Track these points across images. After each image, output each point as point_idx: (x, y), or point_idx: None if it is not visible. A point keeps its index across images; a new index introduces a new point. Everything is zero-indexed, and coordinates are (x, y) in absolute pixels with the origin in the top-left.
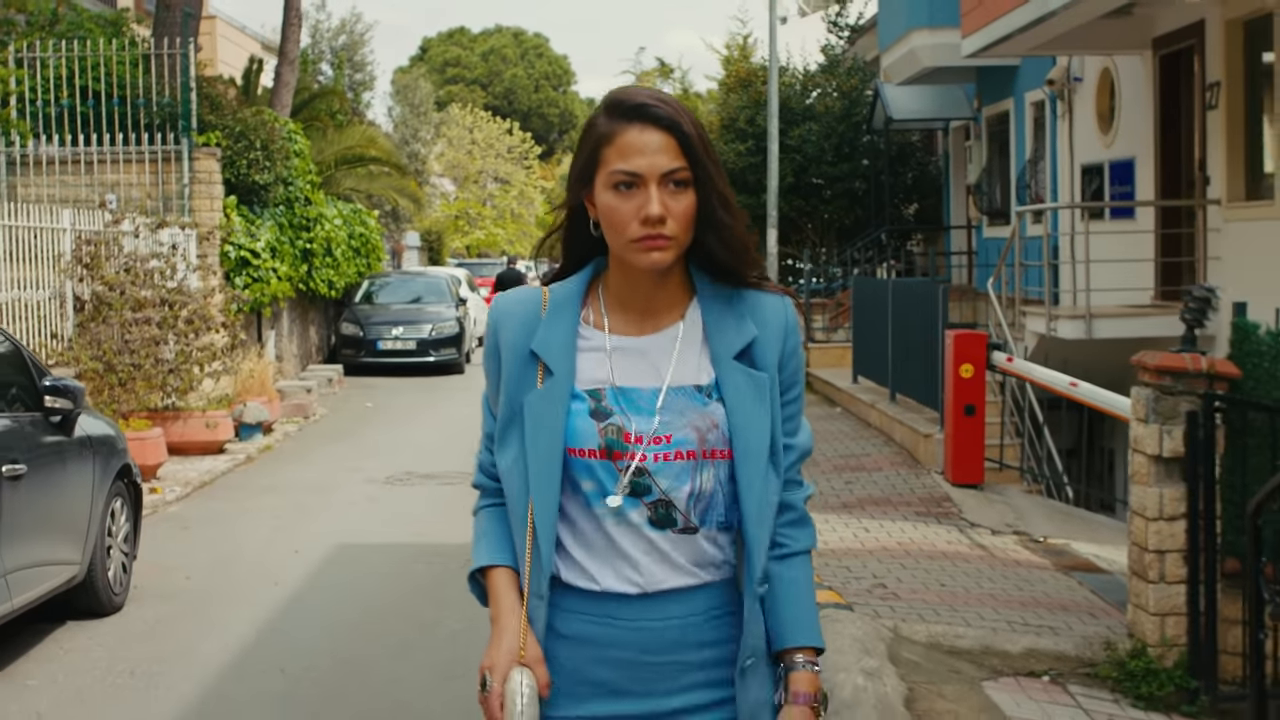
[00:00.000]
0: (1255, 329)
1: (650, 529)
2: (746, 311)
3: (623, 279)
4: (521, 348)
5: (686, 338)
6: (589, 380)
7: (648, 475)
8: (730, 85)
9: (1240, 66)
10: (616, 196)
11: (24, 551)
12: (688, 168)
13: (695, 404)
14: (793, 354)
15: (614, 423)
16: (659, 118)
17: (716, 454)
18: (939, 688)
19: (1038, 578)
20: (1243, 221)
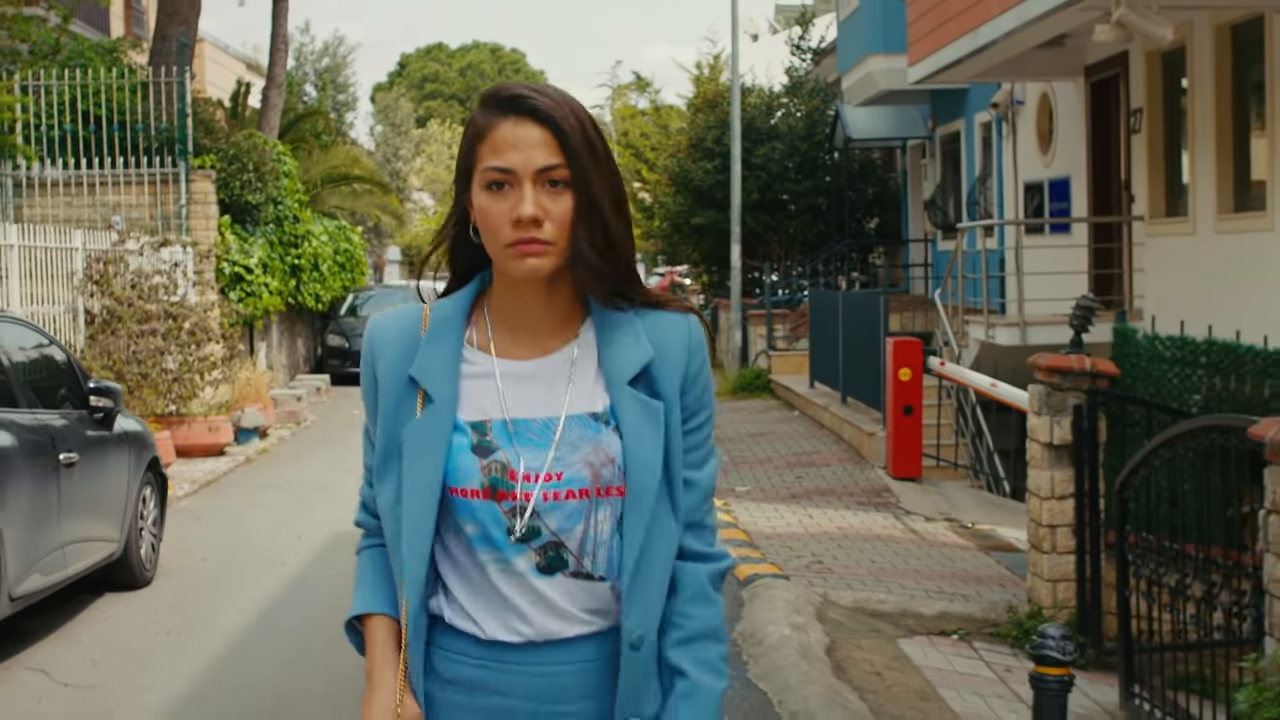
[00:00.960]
0: (1134, 333)
1: (537, 576)
2: (644, 331)
3: (508, 294)
4: (399, 373)
5: (580, 361)
6: (475, 410)
7: (536, 516)
8: (698, 106)
9: (1160, 94)
10: (490, 197)
11: (77, 528)
12: (566, 166)
13: (589, 434)
14: (695, 377)
15: (498, 459)
16: (534, 109)
17: (612, 491)
18: (858, 641)
19: (960, 556)
20: (1162, 236)
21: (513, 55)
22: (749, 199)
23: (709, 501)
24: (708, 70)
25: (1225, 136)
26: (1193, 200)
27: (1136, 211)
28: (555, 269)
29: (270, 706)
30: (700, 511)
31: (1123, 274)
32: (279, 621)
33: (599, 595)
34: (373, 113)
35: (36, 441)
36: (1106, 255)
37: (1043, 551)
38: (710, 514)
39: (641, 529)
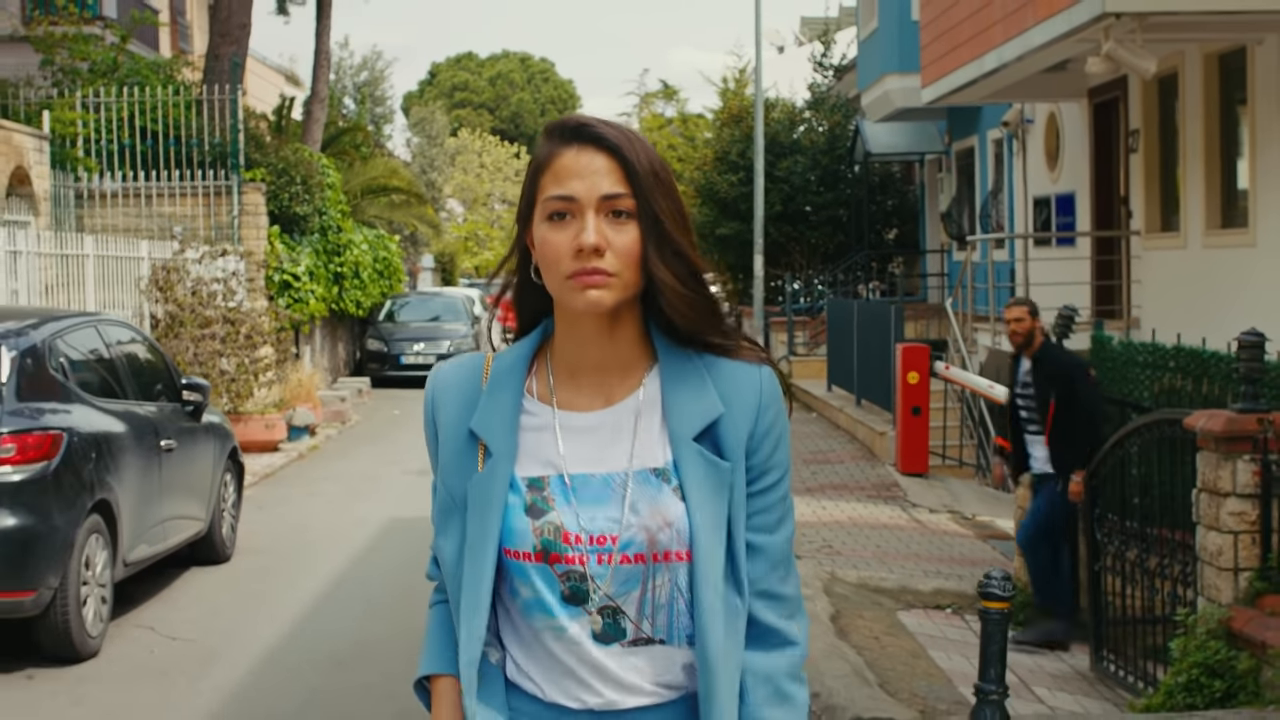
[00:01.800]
0: (1109, 340)
1: (594, 644)
2: (712, 382)
3: (570, 338)
4: (460, 425)
5: (645, 412)
6: (534, 465)
7: (590, 581)
8: (723, 120)
9: (1155, 116)
10: (550, 227)
11: (174, 506)
12: (631, 196)
13: (649, 493)
14: (767, 434)
15: (551, 520)
16: (598, 136)
17: (671, 556)
18: (860, 611)
19: (958, 543)
20: (1158, 250)
21: (542, 64)
22: (772, 210)
23: (782, 569)
24: (733, 84)
25: (1213, 157)
26: (1184, 216)
27: (1134, 226)
28: (617, 304)
29: (350, 651)
30: (772, 580)
31: (1121, 285)
32: (350, 587)
33: (667, 662)
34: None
35: (142, 429)
36: (1108, 267)
37: None
38: (786, 583)
39: (715, 595)
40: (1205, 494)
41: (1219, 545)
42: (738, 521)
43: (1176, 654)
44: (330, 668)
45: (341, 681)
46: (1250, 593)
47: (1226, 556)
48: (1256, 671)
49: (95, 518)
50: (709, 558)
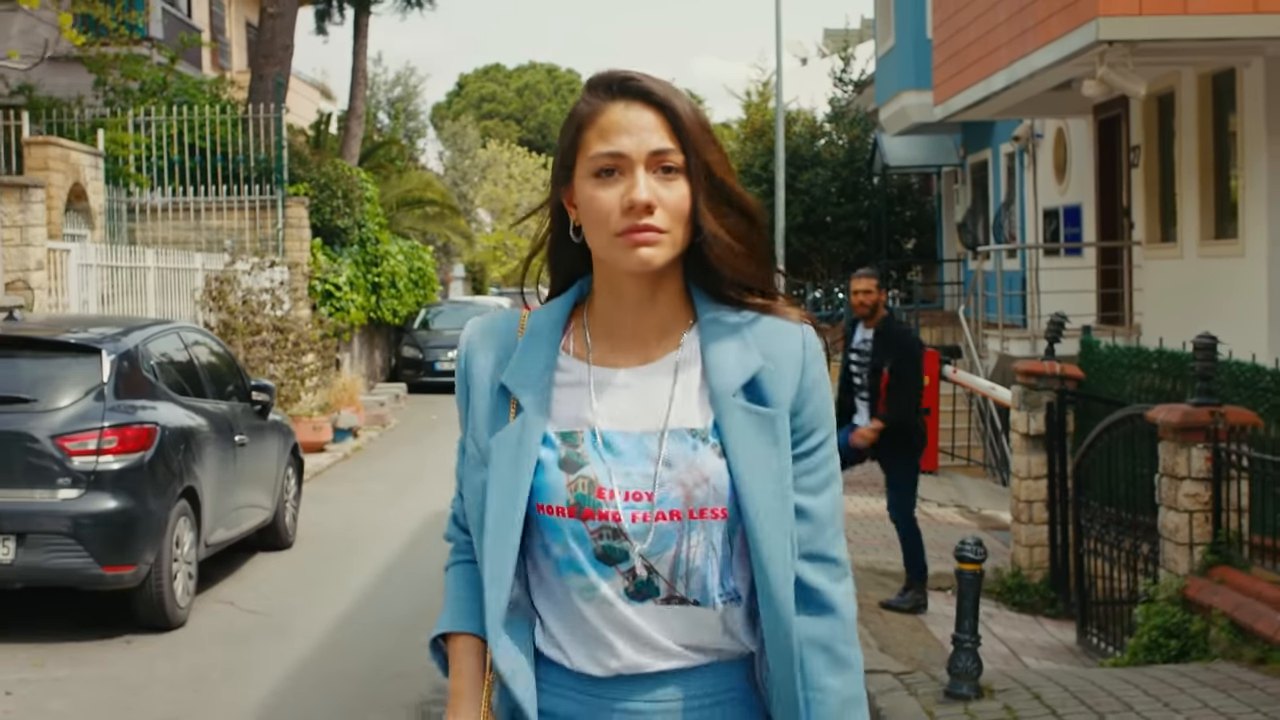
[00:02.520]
0: (1096, 344)
1: (627, 602)
2: (753, 340)
3: (609, 297)
4: (492, 380)
5: (684, 371)
6: (566, 420)
7: (624, 538)
8: (746, 134)
9: (1155, 132)
10: (598, 184)
11: (246, 495)
12: (680, 151)
13: (686, 451)
14: (812, 390)
15: (585, 475)
16: (648, 92)
17: (707, 513)
18: (865, 591)
19: (962, 534)
20: (1157, 260)
21: (568, 75)
22: (794, 221)
23: (831, 530)
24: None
25: (1207, 172)
26: (1181, 228)
27: (1136, 237)
28: (666, 263)
29: (411, 617)
30: (820, 542)
31: (1124, 293)
32: (403, 568)
33: (698, 624)
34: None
35: (220, 425)
36: (1113, 275)
37: (1022, 522)
38: (835, 545)
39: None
40: (1165, 478)
41: (1176, 523)
42: (785, 475)
43: (1140, 619)
44: (396, 631)
45: (407, 641)
46: (1203, 564)
47: (1183, 533)
48: (1206, 632)
49: (183, 502)
50: (763, 510)
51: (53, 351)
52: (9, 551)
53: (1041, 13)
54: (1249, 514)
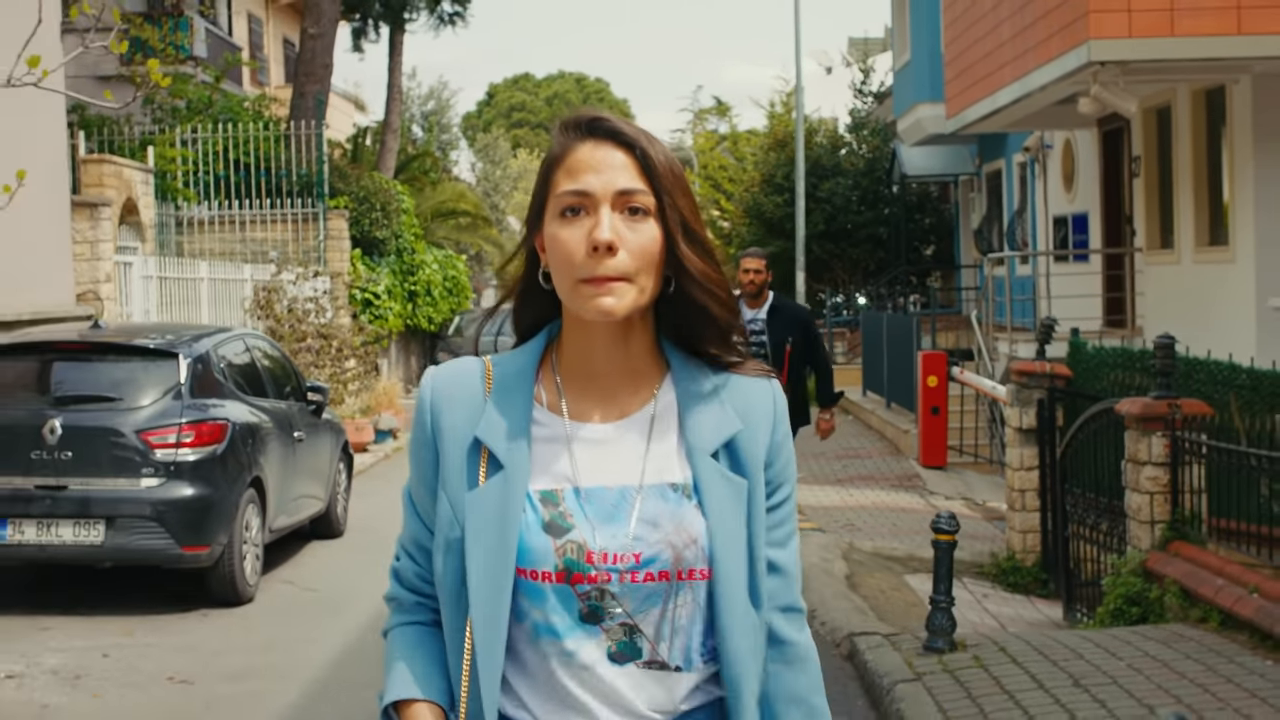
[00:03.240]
0: (1084, 345)
1: (609, 664)
2: (728, 399)
3: (579, 346)
4: (464, 434)
5: (660, 425)
6: (546, 478)
7: (611, 599)
8: (769, 145)
9: (1155, 144)
10: (562, 224)
11: (304, 486)
12: (650, 193)
13: (670, 509)
14: (781, 446)
15: (573, 539)
16: (615, 131)
17: (695, 574)
18: (871, 573)
19: (965, 523)
20: (1157, 265)
21: (597, 85)
22: (816, 229)
23: (796, 584)
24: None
25: (1201, 182)
26: (1178, 235)
27: (1138, 243)
28: (630, 311)
29: None
30: (790, 594)
31: (1127, 297)
32: None
33: (675, 689)
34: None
35: (281, 422)
36: (1117, 280)
37: (1015, 510)
38: (798, 597)
39: (738, 616)
40: (1130, 463)
41: (1139, 504)
42: (758, 538)
43: (1108, 589)
44: None
45: None
46: (1162, 539)
47: (1145, 512)
48: (1162, 599)
49: (251, 491)
50: (732, 577)
51: (134, 356)
52: (99, 534)
53: (1041, 34)
54: (1206, 495)
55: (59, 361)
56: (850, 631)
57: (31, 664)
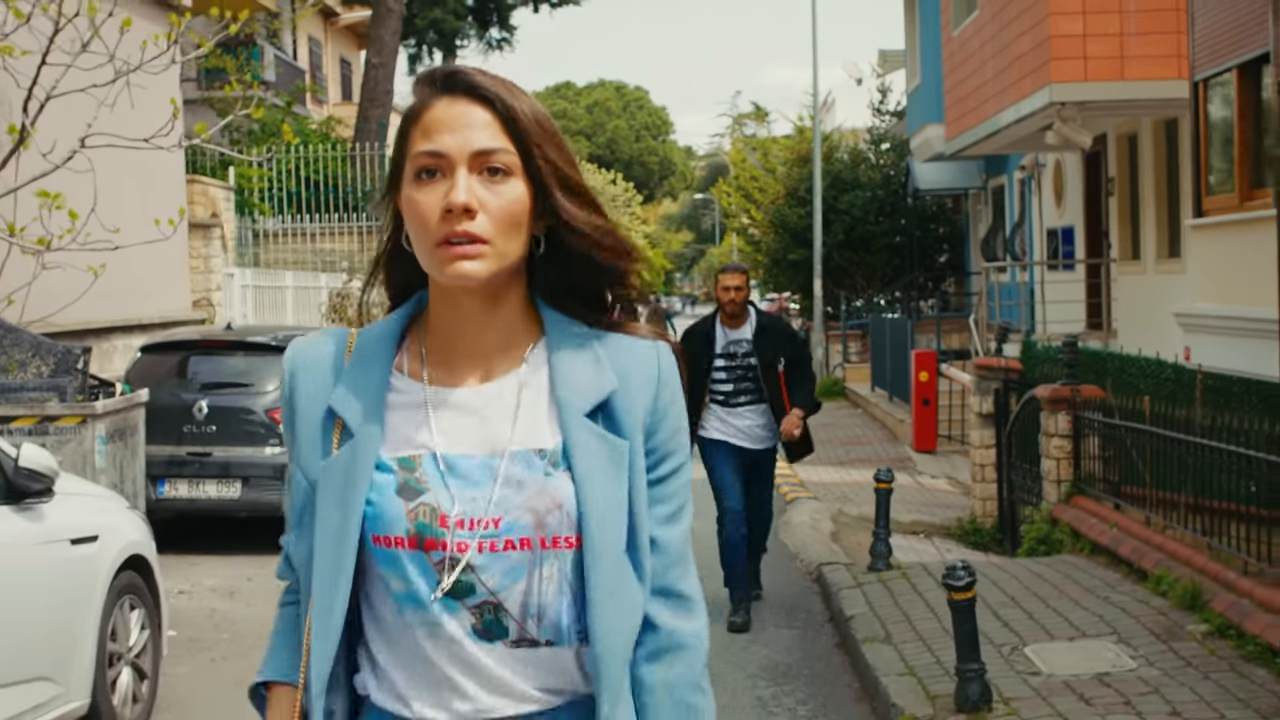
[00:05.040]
0: (1034, 344)
1: (474, 640)
2: (606, 358)
3: (444, 311)
4: (319, 404)
5: (529, 389)
6: (402, 445)
7: (471, 570)
8: (794, 161)
9: (1126, 167)
10: (418, 186)
11: None
12: (513, 150)
13: (534, 475)
14: (665, 414)
15: (426, 502)
16: (472, 85)
17: (559, 542)
18: (854, 533)
19: (944, 497)
20: (1128, 275)
21: (636, 92)
22: (836, 238)
23: (681, 565)
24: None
25: (1161, 202)
26: (1144, 248)
27: (1112, 255)
28: (492, 276)
29: None
30: (670, 576)
31: (1104, 303)
32: None
33: (551, 665)
34: None
35: None
36: (1097, 288)
37: (976, 482)
38: (685, 580)
39: (608, 589)
40: (1043, 436)
41: (1049, 467)
42: (640, 506)
43: (1024, 534)
44: None
45: None
46: (1066, 494)
47: (1053, 474)
48: (1062, 540)
49: None
50: (604, 546)
51: (260, 351)
52: (237, 490)
53: (1015, 75)
54: (1101, 461)
55: (202, 355)
56: (819, 563)
57: (194, 584)
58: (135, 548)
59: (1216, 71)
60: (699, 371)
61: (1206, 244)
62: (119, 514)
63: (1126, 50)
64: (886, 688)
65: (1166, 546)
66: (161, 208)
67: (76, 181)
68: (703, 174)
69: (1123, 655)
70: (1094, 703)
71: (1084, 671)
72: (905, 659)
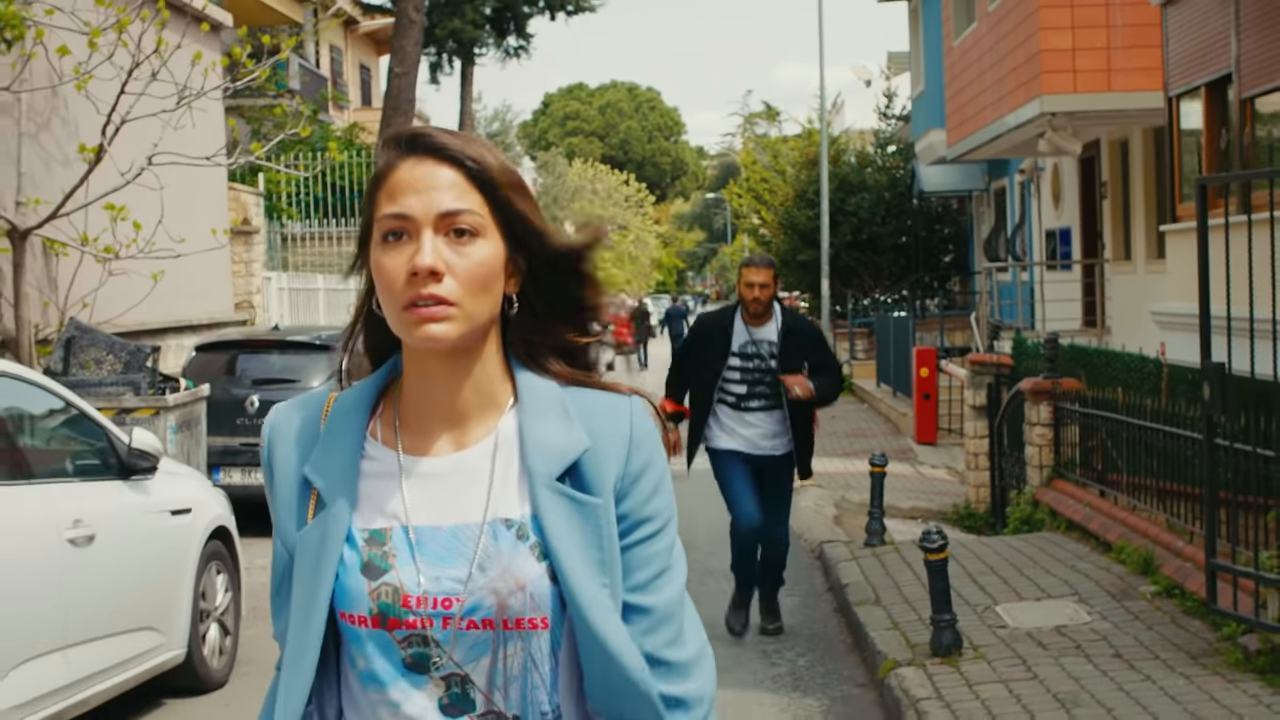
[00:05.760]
0: (1025, 341)
1: (440, 717)
2: (578, 417)
3: (416, 374)
4: (295, 472)
5: (502, 453)
6: (375, 515)
7: (436, 645)
8: (802, 164)
9: (1119, 172)
10: (385, 250)
11: None
12: (481, 211)
13: (502, 550)
14: (637, 479)
15: (389, 582)
16: (437, 146)
17: (524, 624)
18: (855, 516)
19: (942, 485)
20: (1120, 275)
21: (648, 94)
22: (843, 239)
23: (669, 630)
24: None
25: (1150, 205)
26: (1134, 249)
27: (1106, 256)
28: (461, 338)
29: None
30: (657, 642)
31: (1098, 301)
32: None
33: None
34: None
35: None
36: (1091, 287)
37: (970, 470)
38: (675, 646)
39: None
40: (1027, 425)
41: (1032, 453)
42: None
43: (1009, 515)
44: None
45: None
46: (1047, 479)
47: (1035, 459)
48: (1043, 520)
49: None
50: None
51: (305, 349)
52: None
53: (1010, 85)
54: (1078, 447)
55: (250, 354)
56: (821, 541)
57: (250, 563)
58: (220, 520)
59: (1188, 88)
60: (706, 368)
61: (1176, 247)
62: (205, 491)
63: (1113, 64)
64: (874, 640)
65: (1129, 521)
66: (207, 215)
67: (135, 194)
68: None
69: (1080, 612)
70: (1050, 648)
71: (1045, 625)
72: (892, 617)
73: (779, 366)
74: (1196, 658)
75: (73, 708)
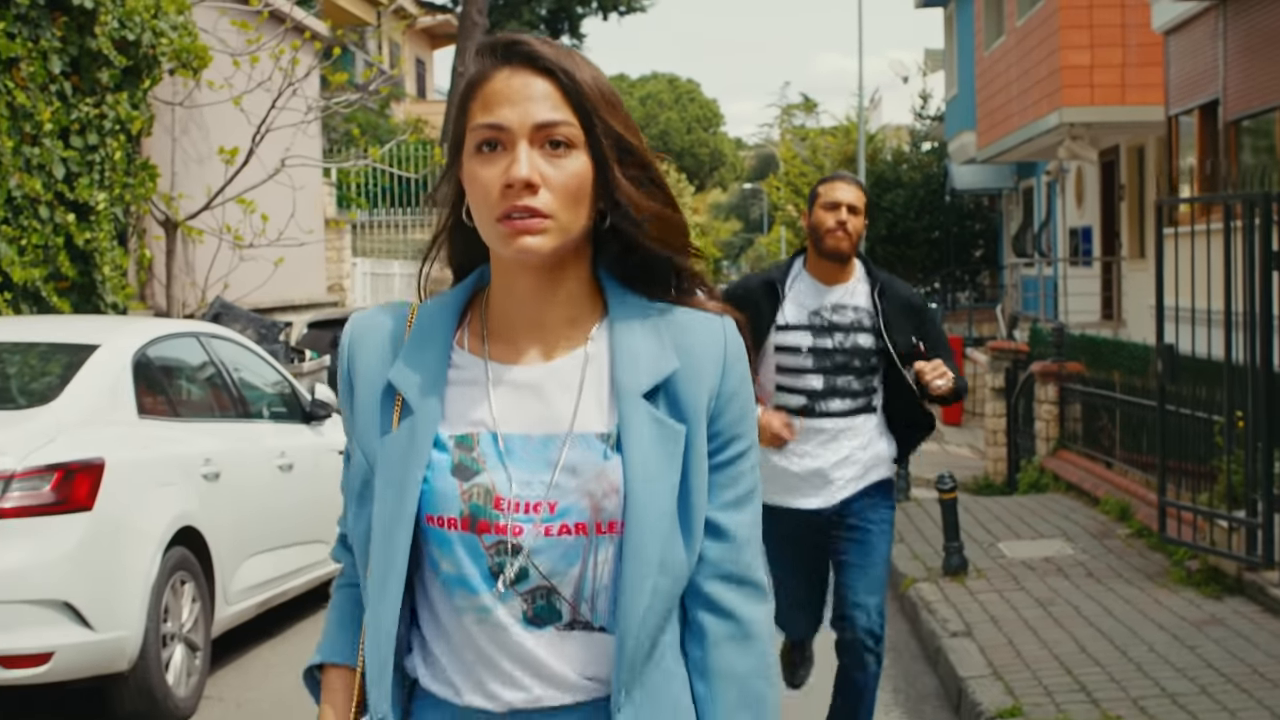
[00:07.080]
0: (1040, 331)
1: (524, 627)
2: (668, 335)
3: (505, 287)
4: (378, 380)
5: (593, 367)
6: (461, 422)
7: (525, 555)
8: (839, 161)
9: (1135, 174)
10: (479, 161)
11: None
12: (575, 123)
13: (593, 458)
14: (733, 396)
15: (481, 483)
16: (534, 55)
17: (615, 527)
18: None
19: (966, 461)
20: (1136, 272)
21: (688, 85)
22: (879, 234)
23: (750, 550)
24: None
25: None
26: (1148, 248)
27: (1122, 254)
28: (555, 251)
29: None
30: (739, 563)
31: (1115, 296)
32: None
33: (602, 652)
34: None
35: None
36: (1109, 282)
37: (989, 446)
38: (754, 566)
39: (646, 581)
40: (1036, 402)
41: (1040, 427)
42: (696, 492)
43: (1020, 481)
44: None
45: None
46: (1053, 449)
47: (1044, 433)
48: (1049, 485)
49: None
50: (643, 532)
51: None
52: None
53: (1034, 96)
54: (1082, 423)
55: None
56: None
57: None
58: None
59: (1184, 109)
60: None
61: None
62: None
63: (1127, 80)
64: (896, 565)
65: (1114, 480)
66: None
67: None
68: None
69: (1066, 547)
70: (1037, 570)
71: (1036, 556)
72: (912, 550)
73: (889, 339)
74: (1152, 577)
75: (277, 596)
